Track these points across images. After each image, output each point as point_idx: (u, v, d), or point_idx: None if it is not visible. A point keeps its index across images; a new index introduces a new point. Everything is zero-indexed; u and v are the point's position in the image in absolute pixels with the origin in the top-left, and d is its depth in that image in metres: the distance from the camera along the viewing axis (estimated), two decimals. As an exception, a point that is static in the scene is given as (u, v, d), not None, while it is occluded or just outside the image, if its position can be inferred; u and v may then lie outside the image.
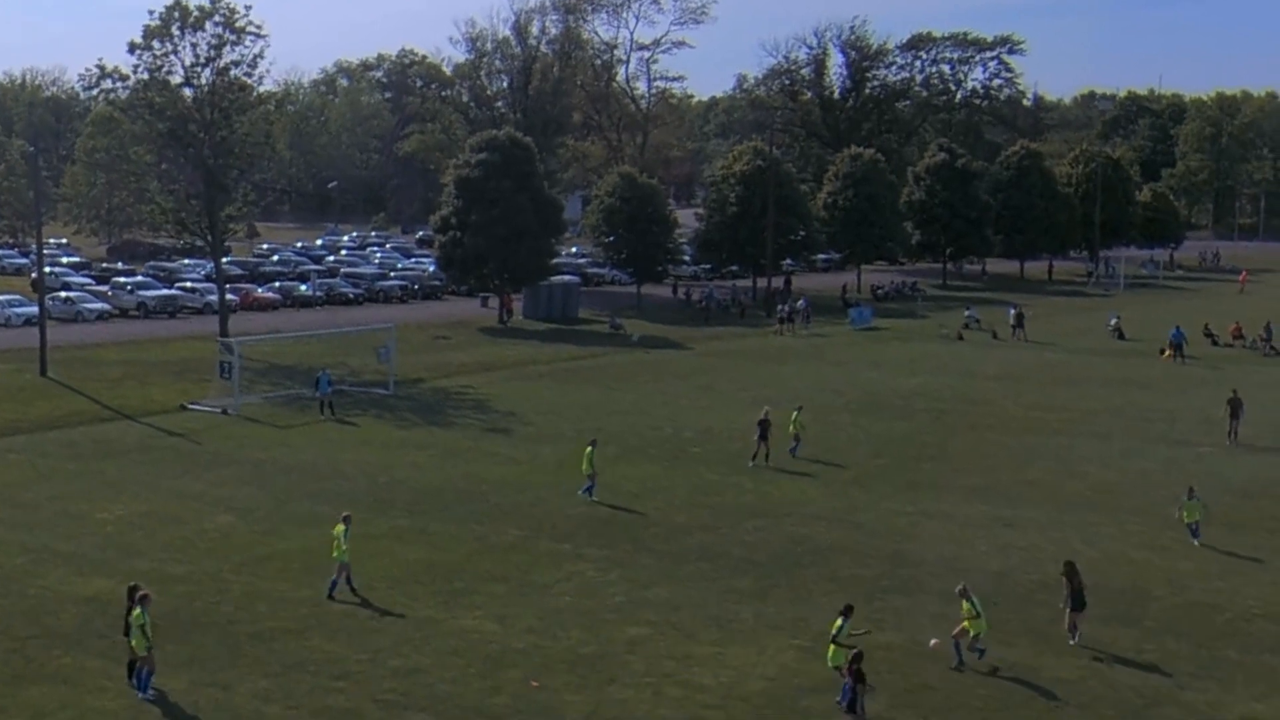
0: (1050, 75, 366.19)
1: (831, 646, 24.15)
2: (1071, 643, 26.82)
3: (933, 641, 25.93)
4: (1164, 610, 29.04)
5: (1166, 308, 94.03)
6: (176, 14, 64.78)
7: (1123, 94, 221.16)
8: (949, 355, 70.59)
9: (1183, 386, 60.00)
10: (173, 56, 65.41)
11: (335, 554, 29.40)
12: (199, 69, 65.64)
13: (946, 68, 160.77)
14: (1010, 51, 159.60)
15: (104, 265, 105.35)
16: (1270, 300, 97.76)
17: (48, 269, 76.74)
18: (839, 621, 24.35)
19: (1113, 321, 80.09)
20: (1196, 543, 33.44)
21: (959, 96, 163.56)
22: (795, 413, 44.37)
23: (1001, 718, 23.35)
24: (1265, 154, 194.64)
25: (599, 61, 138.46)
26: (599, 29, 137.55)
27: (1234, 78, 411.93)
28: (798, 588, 29.95)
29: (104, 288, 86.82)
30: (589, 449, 38.22)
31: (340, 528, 29.54)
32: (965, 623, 25.60)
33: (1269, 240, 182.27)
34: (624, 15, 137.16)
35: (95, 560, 31.69)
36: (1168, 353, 68.67)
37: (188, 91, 66.65)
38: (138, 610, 24.08)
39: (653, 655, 26.06)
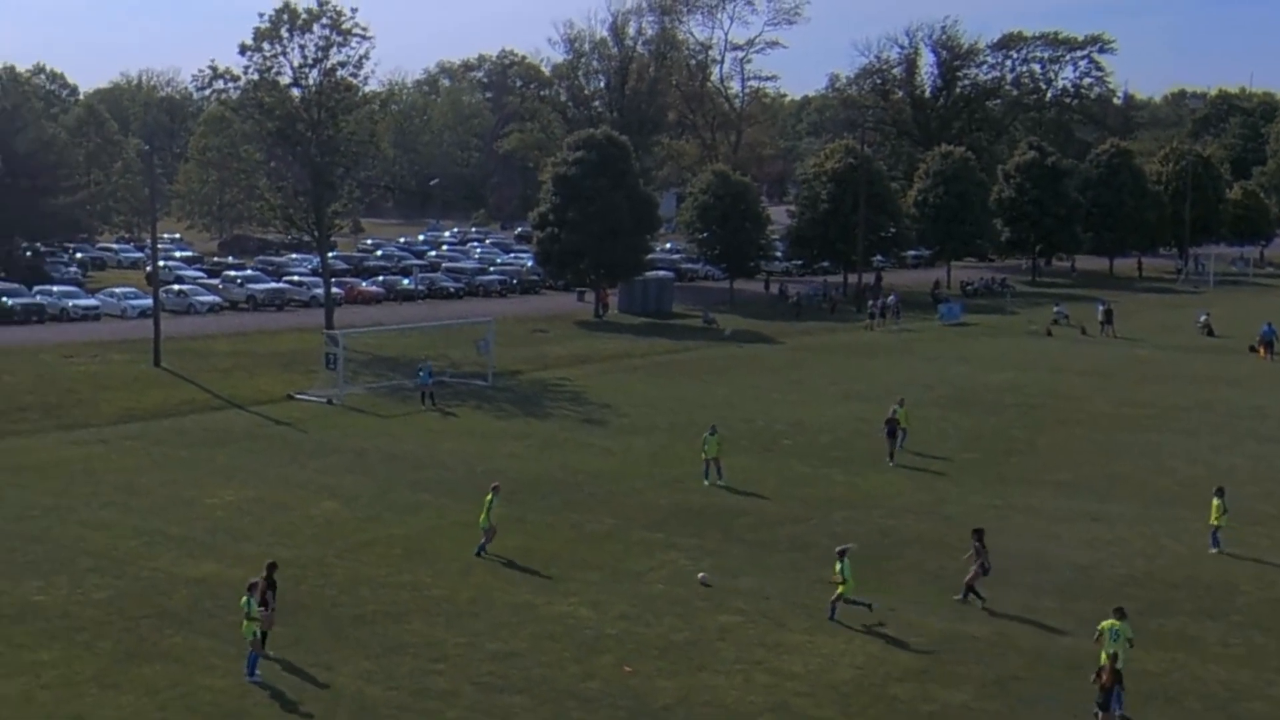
0: (1141, 74, 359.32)
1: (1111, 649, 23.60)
2: (956, 597, 28.79)
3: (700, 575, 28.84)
4: (1251, 605, 29.11)
5: (1256, 305, 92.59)
6: (285, 16, 66.37)
7: (1213, 92, 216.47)
8: (1038, 351, 70.33)
9: (1272, 383, 59.36)
10: (281, 58, 67.16)
11: (482, 520, 31.84)
12: (307, 70, 67.28)
13: (1037, 67, 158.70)
14: (1101, 50, 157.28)
15: (215, 259, 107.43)
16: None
17: (162, 263, 78.80)
18: (1119, 624, 23.91)
19: (1202, 318, 79.17)
20: (1214, 551, 32.60)
21: (1049, 95, 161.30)
22: (896, 407, 44.03)
23: (1086, 709, 23.45)
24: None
25: (694, 61, 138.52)
26: (694, 30, 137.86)
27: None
28: (885, 579, 30.20)
29: (215, 281, 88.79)
30: (709, 435, 39.32)
31: (490, 497, 32.06)
32: (839, 586, 27.27)
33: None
34: (719, 16, 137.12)
35: (205, 544, 32.71)
36: (1260, 351, 67.92)
37: (296, 92, 68.22)
38: (244, 598, 24.84)
39: (743, 642, 26.52)
